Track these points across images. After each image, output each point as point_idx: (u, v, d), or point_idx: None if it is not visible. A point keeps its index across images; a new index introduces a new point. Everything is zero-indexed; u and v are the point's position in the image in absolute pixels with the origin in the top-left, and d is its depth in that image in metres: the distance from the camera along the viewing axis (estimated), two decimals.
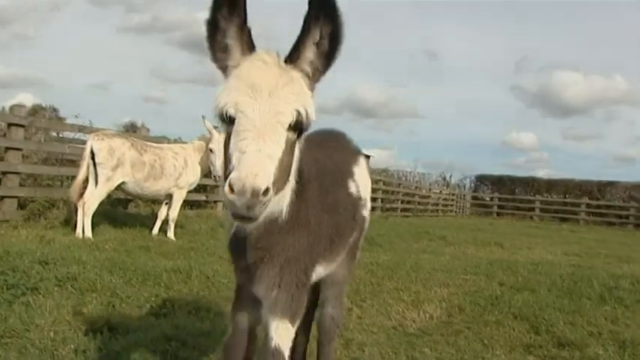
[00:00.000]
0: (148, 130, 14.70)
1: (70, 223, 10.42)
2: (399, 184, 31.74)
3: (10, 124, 10.96)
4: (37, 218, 10.69)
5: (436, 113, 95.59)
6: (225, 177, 2.15)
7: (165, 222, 11.05)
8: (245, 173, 1.97)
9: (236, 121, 2.22)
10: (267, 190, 1.99)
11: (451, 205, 38.83)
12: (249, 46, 2.35)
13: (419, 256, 10.76)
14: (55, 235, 9.35)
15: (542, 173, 66.70)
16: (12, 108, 11.66)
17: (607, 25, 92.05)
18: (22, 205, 11.05)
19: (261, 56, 2.31)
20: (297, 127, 2.29)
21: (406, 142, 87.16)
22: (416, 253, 11.36)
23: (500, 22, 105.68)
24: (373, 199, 25.20)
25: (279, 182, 2.24)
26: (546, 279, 8.62)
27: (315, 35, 2.33)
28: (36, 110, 20.27)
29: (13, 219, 10.36)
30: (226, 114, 2.24)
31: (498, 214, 39.00)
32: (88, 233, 9.59)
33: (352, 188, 3.41)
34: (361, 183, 3.54)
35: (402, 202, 29.61)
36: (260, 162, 2.05)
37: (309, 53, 2.36)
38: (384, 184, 27.64)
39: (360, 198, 3.48)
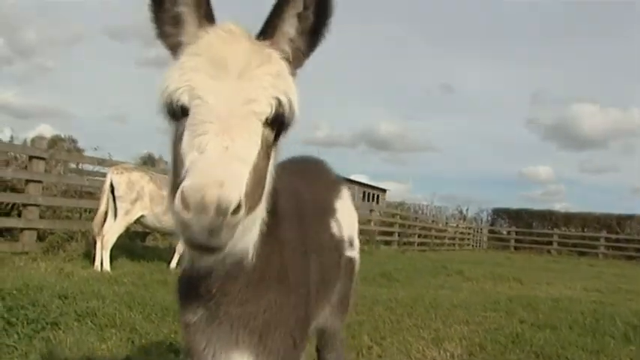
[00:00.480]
0: (166, 162, 14.76)
1: (88, 255, 10.47)
2: (416, 217, 31.65)
3: (31, 157, 11.12)
4: (56, 250, 10.75)
5: (451, 146, 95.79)
6: (174, 189, 1.63)
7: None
8: (206, 180, 1.46)
9: (191, 111, 1.68)
10: (238, 207, 1.48)
11: (468, 239, 38.59)
12: (209, 18, 1.83)
13: (437, 292, 10.65)
14: (73, 268, 9.39)
15: (559, 206, 66.19)
16: (33, 140, 11.83)
17: (623, 57, 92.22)
18: (41, 237, 11.14)
19: (227, 26, 1.81)
20: (277, 122, 1.76)
21: (421, 175, 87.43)
22: (434, 289, 11.25)
23: (516, 55, 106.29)
24: (390, 234, 25.34)
25: (251, 200, 1.67)
26: (567, 316, 8.48)
27: (297, 4, 1.83)
28: (55, 141, 20.52)
29: (32, 251, 10.44)
30: (177, 103, 1.70)
31: (516, 248, 38.66)
32: (107, 266, 9.62)
33: (334, 229, 2.88)
34: (345, 221, 3.02)
35: (418, 236, 29.45)
36: (228, 165, 1.55)
37: (289, 28, 1.85)
38: (400, 218, 27.60)
39: (342, 240, 2.95)
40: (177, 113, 1.73)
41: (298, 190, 2.51)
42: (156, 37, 1.86)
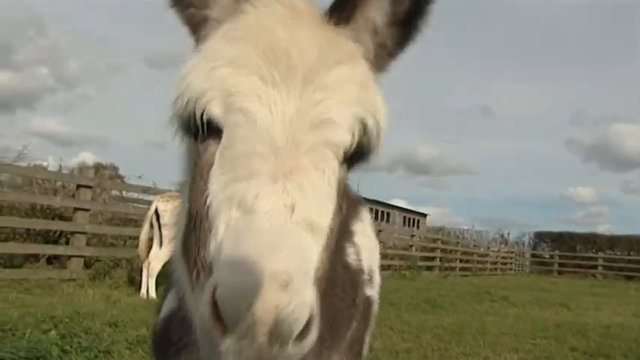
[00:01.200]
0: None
1: (133, 282, 10.60)
2: (457, 242, 31.28)
3: (79, 186, 11.35)
4: (102, 277, 10.91)
5: (490, 169, 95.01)
6: (191, 267, 1.14)
7: None
8: (259, 276, 0.89)
9: (226, 131, 1.12)
10: (308, 324, 0.96)
11: (510, 264, 37.94)
12: None
13: (483, 319, 10.48)
14: (120, 295, 9.51)
15: (603, 229, 65.09)
16: (80, 169, 12.07)
17: None
18: (87, 264, 11.31)
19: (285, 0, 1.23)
20: (357, 156, 1.22)
21: (460, 199, 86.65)
22: (480, 315, 11.07)
23: (554, 75, 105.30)
24: (431, 259, 25.08)
25: (319, 285, 1.11)
26: (620, 344, 8.26)
27: None
28: (97, 169, 20.92)
29: (80, 278, 10.61)
30: (202, 116, 1.13)
31: (559, 272, 37.80)
32: (153, 293, 9.72)
33: (351, 257, 2.20)
34: (364, 248, 2.34)
35: (460, 261, 29.08)
36: (295, 243, 0.99)
37: (376, 13, 1.29)
38: (442, 242, 27.32)
39: (361, 271, 2.28)
40: (200, 131, 1.15)
41: None
42: (170, 5, 1.29)
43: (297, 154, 1.08)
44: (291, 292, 0.90)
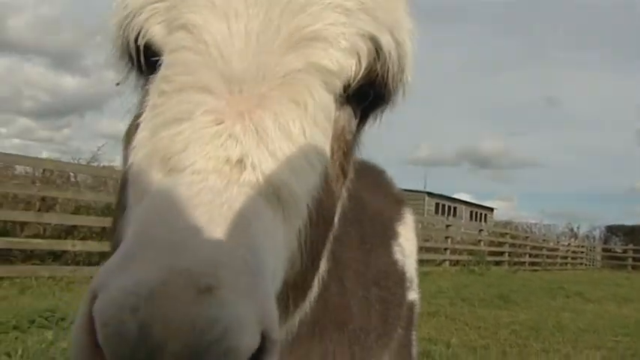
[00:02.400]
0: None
1: None
2: (526, 237, 30.60)
3: None
4: None
5: (557, 161, 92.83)
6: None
7: None
8: (164, 280, 0.56)
9: (165, 60, 0.82)
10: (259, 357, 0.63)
11: (580, 258, 36.91)
12: None
13: (559, 315, 10.22)
14: None
15: None
16: None
17: None
18: None
19: None
20: (370, 94, 0.90)
21: (526, 192, 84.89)
22: (556, 311, 10.80)
23: (623, 64, 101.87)
24: (500, 254, 24.59)
25: (301, 288, 0.88)
26: None
27: None
28: None
29: None
30: (138, 40, 0.85)
31: (633, 267, 36.47)
32: None
33: (397, 255, 2.03)
34: (408, 250, 2.15)
35: (529, 256, 28.44)
36: (235, 222, 0.64)
37: None
38: (510, 237, 26.78)
39: (405, 272, 2.08)
40: (137, 61, 0.88)
41: (359, 194, 1.46)
42: None
43: (265, 85, 0.74)
44: (220, 304, 0.55)
